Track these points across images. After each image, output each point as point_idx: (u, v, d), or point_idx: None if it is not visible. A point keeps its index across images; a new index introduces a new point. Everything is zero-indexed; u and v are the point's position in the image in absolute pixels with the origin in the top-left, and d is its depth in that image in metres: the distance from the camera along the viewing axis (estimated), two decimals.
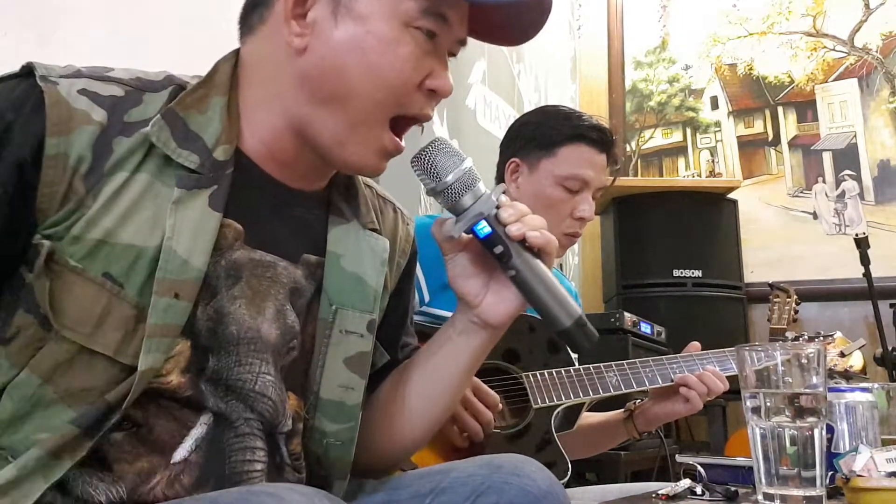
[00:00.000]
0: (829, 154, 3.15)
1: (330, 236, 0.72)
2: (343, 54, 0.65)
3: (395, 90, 0.66)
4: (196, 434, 0.62)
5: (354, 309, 0.72)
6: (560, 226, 1.30)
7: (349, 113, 0.66)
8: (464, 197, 0.69)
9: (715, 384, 1.21)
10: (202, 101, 0.66)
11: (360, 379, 0.73)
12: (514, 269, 0.69)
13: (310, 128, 0.68)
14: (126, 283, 0.59)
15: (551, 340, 1.25)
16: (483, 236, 0.69)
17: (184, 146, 0.63)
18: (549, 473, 0.69)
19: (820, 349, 0.78)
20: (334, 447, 0.72)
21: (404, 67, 0.65)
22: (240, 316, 0.64)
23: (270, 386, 0.66)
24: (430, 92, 0.68)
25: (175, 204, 0.61)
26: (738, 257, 2.92)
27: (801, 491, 0.74)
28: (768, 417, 0.76)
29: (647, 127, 3.51)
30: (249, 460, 0.64)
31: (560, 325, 0.68)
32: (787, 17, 3.27)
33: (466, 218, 0.69)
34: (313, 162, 0.71)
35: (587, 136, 1.29)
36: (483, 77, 2.60)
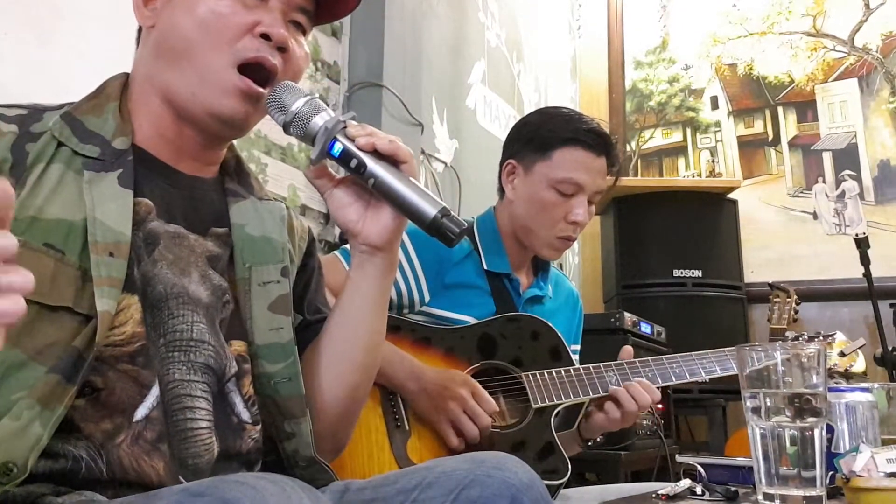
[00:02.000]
0: (829, 154, 3.15)
1: (231, 211, 0.81)
2: (178, 17, 0.75)
3: (223, 31, 0.74)
4: (155, 392, 0.68)
5: (267, 263, 0.80)
6: (554, 229, 1.29)
7: (192, 65, 0.74)
8: (311, 122, 0.75)
9: (643, 397, 1.19)
10: (96, 108, 0.76)
11: (286, 317, 0.80)
12: (372, 176, 0.74)
13: (170, 92, 0.76)
14: (65, 249, 0.67)
15: (553, 348, 1.25)
16: (338, 154, 0.74)
17: (84, 141, 0.72)
18: (529, 469, 0.71)
19: (820, 349, 0.78)
20: (283, 385, 0.78)
21: (225, 12, 0.74)
22: (164, 276, 0.72)
23: (206, 333, 0.72)
24: (264, 37, 0.75)
25: (88, 184, 0.69)
26: (738, 257, 2.93)
27: (801, 491, 0.74)
28: (768, 417, 0.76)
29: (648, 127, 3.51)
30: (192, 419, 0.69)
31: (427, 217, 0.73)
32: (787, 17, 3.27)
33: (319, 140, 0.74)
34: (195, 136, 0.78)
35: (583, 140, 1.27)
36: (483, 77, 2.60)
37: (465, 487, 0.67)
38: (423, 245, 1.26)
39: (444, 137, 2.30)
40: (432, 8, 2.27)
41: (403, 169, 0.75)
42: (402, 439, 1.14)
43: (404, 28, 2.05)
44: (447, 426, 1.12)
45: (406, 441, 1.14)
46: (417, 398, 1.14)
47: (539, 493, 0.68)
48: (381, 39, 1.95)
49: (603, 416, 1.23)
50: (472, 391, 1.13)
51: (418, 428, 1.15)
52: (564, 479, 1.14)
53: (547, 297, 1.39)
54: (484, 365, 1.23)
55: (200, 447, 0.69)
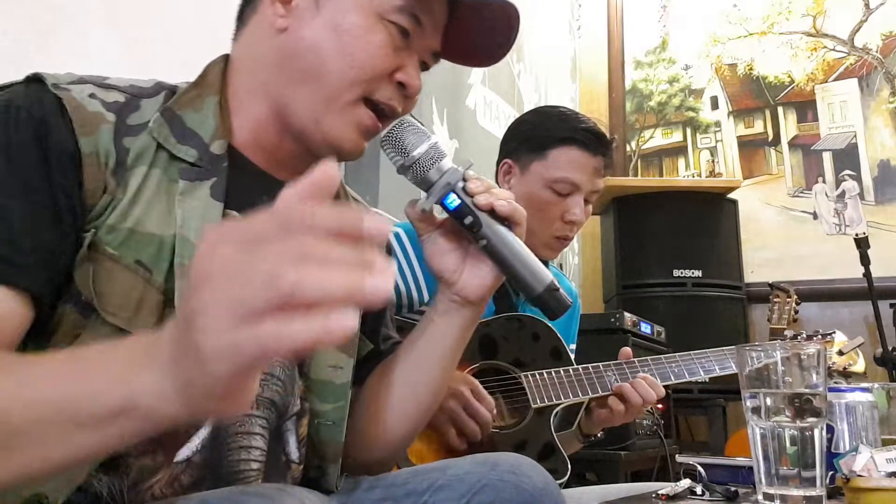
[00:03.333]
0: (829, 154, 3.15)
1: None
2: (320, 35, 0.69)
3: (366, 71, 0.70)
4: (202, 434, 0.63)
5: None
6: (550, 229, 1.29)
7: (323, 90, 0.70)
8: (431, 171, 0.72)
9: (648, 393, 1.20)
10: (196, 100, 0.70)
11: (348, 358, 0.76)
12: (485, 238, 0.72)
13: (288, 108, 0.71)
14: (154, 269, 0.62)
15: (554, 348, 1.25)
16: (453, 208, 0.72)
17: (182, 142, 0.67)
18: (544, 471, 0.70)
19: (820, 349, 0.78)
20: (325, 427, 0.74)
21: (376, 52, 0.70)
22: None
23: (278, 366, 0.68)
24: (399, 85, 0.72)
25: (181, 195, 0.65)
26: (739, 257, 2.92)
27: (801, 491, 0.74)
28: (768, 417, 0.76)
29: (647, 127, 3.51)
30: (245, 459, 0.65)
31: (534, 291, 0.72)
32: (787, 17, 3.27)
33: (436, 191, 0.72)
34: (296, 150, 0.74)
35: (579, 139, 1.27)
36: (483, 77, 2.60)
37: (477, 492, 0.66)
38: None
39: (444, 137, 2.30)
40: None
41: (516, 233, 0.73)
42: None
43: None
44: (448, 425, 1.12)
45: None
46: None
47: (553, 498, 0.67)
48: None
49: (606, 412, 1.23)
50: (471, 389, 1.13)
51: None
52: (564, 479, 1.14)
53: None
54: (483, 365, 1.23)
55: None
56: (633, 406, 1.19)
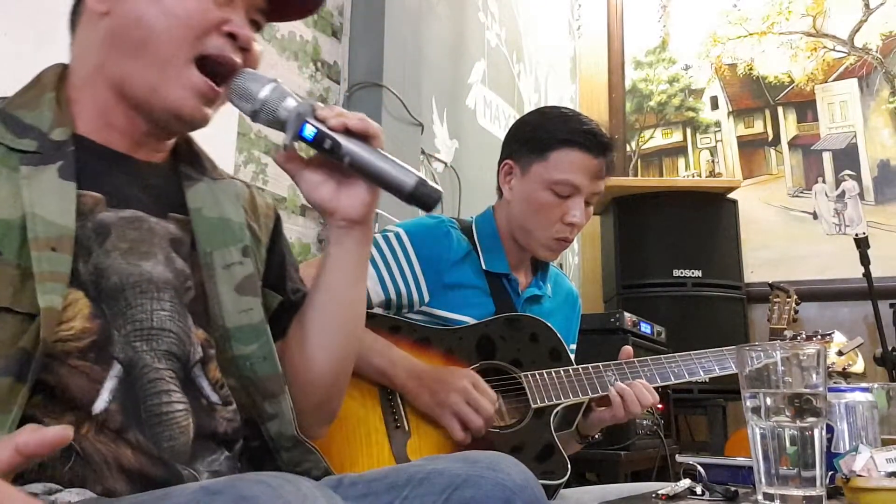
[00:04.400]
0: (828, 154, 3.15)
1: (187, 195, 0.79)
2: (140, 5, 0.73)
3: (191, 27, 0.73)
4: (109, 386, 0.66)
5: (227, 245, 0.79)
6: (550, 230, 1.29)
7: (153, 55, 0.73)
8: (280, 109, 0.75)
9: (645, 398, 1.20)
10: (32, 100, 0.73)
11: (254, 298, 0.80)
12: (348, 154, 0.76)
13: (126, 84, 0.74)
14: (2, 249, 0.64)
15: (553, 348, 1.25)
16: (311, 137, 0.76)
17: (21, 136, 0.70)
18: (525, 469, 0.70)
19: (820, 349, 0.78)
20: (259, 364, 0.78)
21: (198, 6, 0.73)
22: (118, 266, 0.70)
23: (168, 319, 0.71)
24: (230, 36, 0.75)
25: (26, 179, 0.67)
26: (738, 257, 2.92)
27: (801, 491, 0.74)
28: (768, 417, 0.76)
29: (647, 127, 3.51)
30: (167, 402, 0.68)
31: (406, 189, 0.75)
32: (787, 17, 3.27)
33: (291, 125, 0.75)
34: (147, 127, 0.77)
35: (580, 141, 1.26)
36: (483, 77, 2.60)
37: (457, 487, 0.67)
38: (423, 245, 1.26)
39: (444, 137, 2.30)
40: (432, 8, 2.27)
41: (375, 144, 0.77)
42: (402, 440, 1.14)
43: (404, 28, 2.04)
44: (452, 419, 1.12)
45: (406, 442, 1.14)
46: (419, 396, 1.14)
47: (533, 494, 0.68)
48: (381, 39, 1.94)
49: (603, 412, 1.23)
50: (472, 382, 1.13)
51: (418, 428, 1.15)
52: (564, 479, 1.14)
53: (546, 296, 1.39)
54: (483, 365, 1.23)
55: (175, 429, 0.68)
56: (630, 410, 1.19)
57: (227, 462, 0.74)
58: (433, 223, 1.32)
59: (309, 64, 1.87)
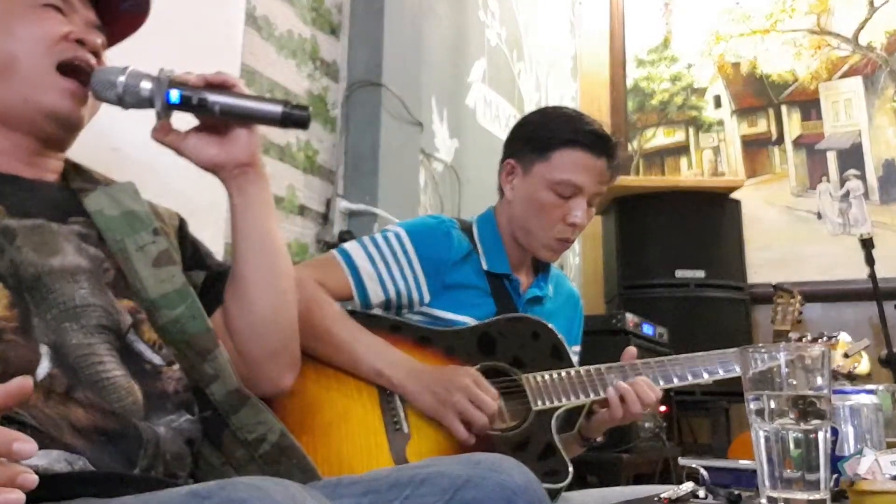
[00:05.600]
0: (833, 153, 3.14)
1: (86, 203, 0.84)
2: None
3: (45, 40, 0.80)
4: (47, 358, 0.69)
5: (136, 232, 0.84)
6: (552, 230, 1.28)
7: (18, 73, 0.79)
8: (141, 87, 0.80)
9: (647, 396, 1.19)
10: None
11: (173, 266, 0.84)
12: (216, 103, 0.81)
13: (1, 107, 0.79)
14: None
15: (554, 349, 1.24)
16: (178, 100, 0.80)
17: None
18: (527, 471, 0.70)
19: (825, 350, 0.77)
20: (189, 324, 0.81)
21: (43, 23, 0.81)
22: (32, 258, 0.74)
23: (89, 295, 0.75)
24: (79, 42, 0.82)
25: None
26: (742, 258, 2.91)
27: (805, 494, 0.73)
28: (772, 420, 0.75)
29: (650, 126, 3.49)
30: (102, 370, 0.71)
31: (277, 116, 0.81)
32: (790, 14, 3.26)
33: (157, 95, 0.80)
34: (29, 145, 0.82)
35: (582, 141, 1.26)
36: (483, 76, 2.59)
37: (459, 488, 0.67)
38: (423, 245, 1.25)
39: (444, 137, 2.29)
40: (432, 7, 2.26)
41: (236, 91, 0.82)
42: (402, 443, 1.13)
43: (404, 27, 2.04)
44: (455, 419, 1.11)
45: (406, 444, 1.13)
46: (419, 396, 1.13)
47: (535, 495, 0.68)
48: (380, 38, 1.94)
49: (604, 413, 1.22)
50: (474, 380, 1.12)
51: (418, 429, 1.14)
52: (565, 482, 1.13)
53: (547, 297, 1.38)
54: (484, 366, 1.22)
55: (121, 391, 0.71)
56: (631, 410, 1.18)
57: (188, 424, 0.77)
58: (434, 223, 1.31)
59: (307, 62, 1.86)
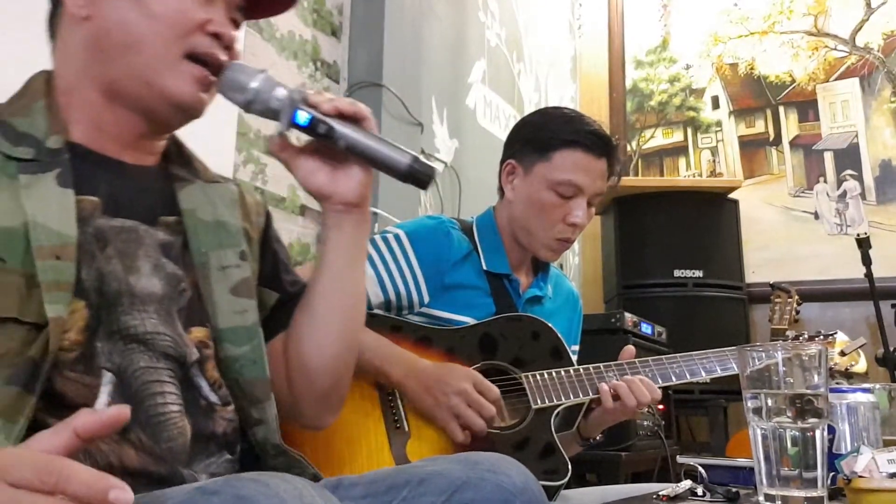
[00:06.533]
0: (830, 154, 3.15)
1: (179, 197, 0.80)
2: (122, 8, 0.73)
3: (176, 27, 0.73)
4: (106, 391, 0.67)
5: (223, 247, 0.80)
6: (552, 230, 1.29)
7: (143, 56, 0.73)
8: (272, 99, 0.76)
9: (642, 394, 1.19)
10: (23, 108, 0.73)
11: (249, 300, 0.80)
12: (342, 137, 0.77)
13: (116, 84, 0.74)
14: (7, 257, 0.65)
15: (554, 349, 1.24)
16: (306, 123, 0.77)
17: (17, 144, 0.70)
18: (525, 471, 0.70)
19: (822, 349, 0.77)
20: (247, 367, 0.78)
21: (180, 7, 0.74)
22: (118, 273, 0.71)
23: (160, 324, 0.72)
24: (215, 36, 0.75)
25: (25, 188, 0.67)
26: (739, 257, 2.92)
27: (803, 492, 0.73)
28: (769, 418, 0.75)
29: (648, 126, 3.50)
30: (161, 403, 0.69)
31: (400, 169, 0.77)
32: (788, 16, 3.27)
33: (284, 112, 0.76)
34: (139, 125, 0.77)
35: (583, 142, 1.27)
36: (483, 77, 2.59)
37: (457, 489, 0.67)
38: (423, 246, 1.26)
39: (444, 137, 2.30)
40: (432, 8, 2.26)
41: (366, 126, 0.78)
42: (402, 441, 1.13)
43: (404, 28, 2.04)
44: (452, 422, 1.11)
45: (406, 442, 1.13)
46: (418, 396, 1.13)
47: (534, 496, 0.68)
48: (380, 39, 1.94)
49: (600, 411, 1.23)
50: (473, 382, 1.12)
51: (418, 428, 1.15)
52: (564, 480, 1.13)
53: (547, 297, 1.38)
54: (484, 365, 1.22)
55: (173, 430, 0.68)
56: (627, 406, 1.19)
57: (226, 465, 0.74)
58: (433, 224, 1.31)
59: (308, 63, 1.87)
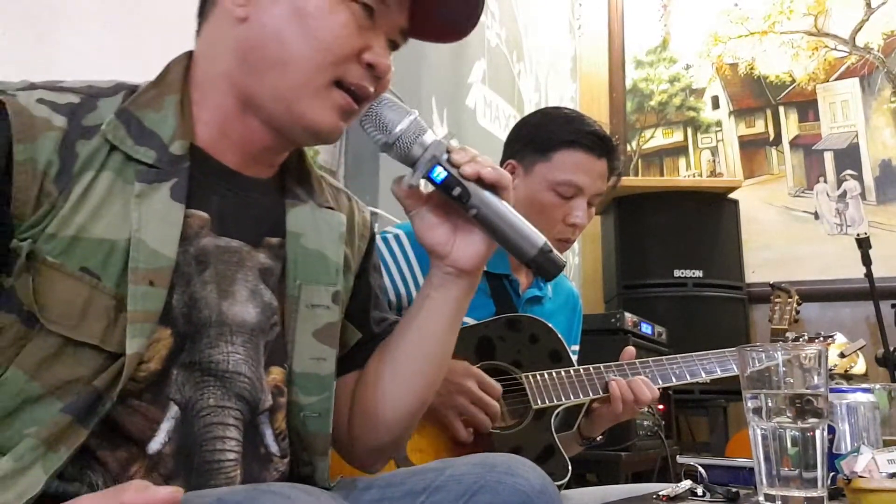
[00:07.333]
0: (830, 154, 3.15)
1: (288, 217, 0.75)
2: (282, 21, 0.68)
3: (333, 53, 0.69)
4: (166, 427, 0.64)
5: (318, 283, 0.75)
6: (552, 231, 1.28)
7: (291, 76, 0.69)
8: (415, 146, 0.72)
9: (643, 393, 1.19)
10: (156, 99, 0.69)
11: (331, 349, 0.76)
12: (475, 207, 0.72)
13: (256, 98, 0.71)
14: (103, 275, 0.62)
15: (553, 349, 1.25)
16: (440, 181, 0.72)
17: (140, 143, 0.66)
18: (542, 473, 0.69)
19: (822, 350, 0.77)
20: (312, 420, 0.74)
21: (341, 32, 0.69)
22: (212, 300, 0.68)
23: (242, 363, 0.68)
24: (369, 66, 0.71)
25: (138, 197, 0.64)
26: (739, 257, 2.92)
27: (803, 492, 0.74)
28: (769, 418, 0.75)
29: (648, 126, 3.50)
30: (220, 450, 0.65)
31: (527, 255, 0.72)
32: (788, 16, 3.26)
33: (421, 165, 0.72)
34: (268, 140, 0.73)
35: (583, 142, 1.27)
36: (483, 77, 2.59)
37: (474, 493, 0.66)
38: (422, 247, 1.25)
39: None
40: None
41: (504, 197, 0.73)
42: None
43: None
44: (456, 420, 1.11)
45: None
46: None
47: (551, 498, 0.67)
48: None
49: (601, 410, 1.23)
50: (476, 380, 1.12)
51: (420, 427, 1.15)
52: (565, 480, 1.13)
53: (546, 297, 1.38)
54: (484, 365, 1.22)
55: (222, 480, 0.65)
56: (626, 404, 1.19)
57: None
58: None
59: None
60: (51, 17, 1.21)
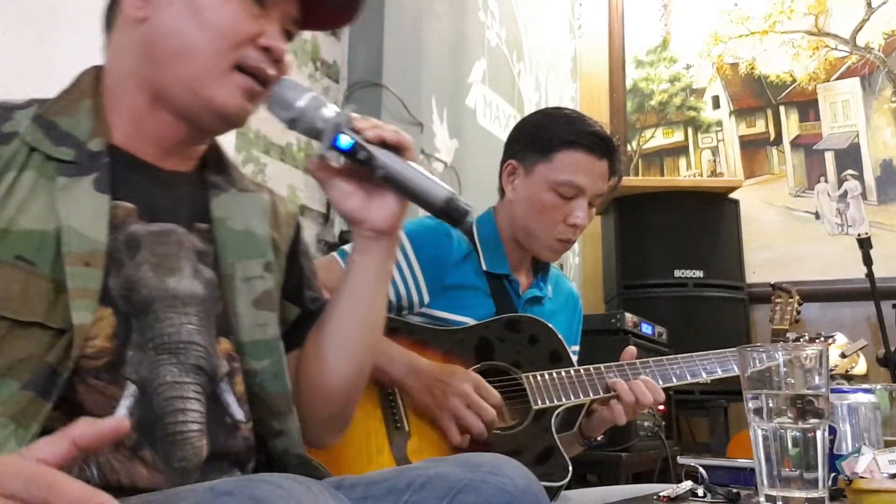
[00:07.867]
0: (831, 154, 3.14)
1: (212, 205, 0.80)
2: (179, 16, 0.74)
3: (229, 39, 0.74)
4: (126, 404, 0.67)
5: (249, 258, 0.80)
6: (553, 231, 1.29)
7: (193, 65, 0.74)
8: (317, 119, 0.76)
9: (644, 395, 1.19)
10: (69, 106, 0.74)
11: (271, 313, 0.80)
12: (382, 167, 0.77)
13: (163, 91, 0.75)
14: (37, 261, 0.65)
15: (553, 349, 1.24)
16: (346, 148, 0.76)
17: (59, 144, 0.71)
18: (527, 472, 0.70)
19: (822, 350, 0.77)
20: (269, 382, 0.78)
21: (235, 18, 0.74)
22: (148, 279, 0.70)
23: (196, 333, 0.71)
24: (265, 50, 0.76)
25: (62, 190, 0.68)
26: (740, 257, 2.92)
27: (804, 493, 0.73)
28: (770, 419, 0.75)
29: (648, 126, 3.50)
30: (182, 421, 0.68)
31: (437, 203, 0.76)
32: (788, 15, 3.26)
33: (327, 135, 0.76)
34: (180, 132, 0.77)
35: (584, 143, 1.27)
36: (483, 77, 2.59)
37: (459, 492, 0.66)
38: (422, 246, 1.25)
39: (444, 137, 2.30)
40: (432, 7, 2.26)
41: (407, 157, 0.78)
42: (402, 441, 1.13)
43: (404, 27, 2.04)
44: (451, 423, 1.11)
45: (406, 442, 1.13)
46: (418, 395, 1.13)
47: (536, 498, 0.67)
48: (380, 39, 1.94)
49: (602, 411, 1.22)
50: (474, 385, 1.12)
51: (418, 427, 1.15)
52: (565, 480, 1.13)
53: (546, 297, 1.38)
54: (484, 366, 1.22)
55: (188, 449, 0.68)
56: (626, 405, 1.19)
57: None
58: (433, 224, 1.31)
59: (308, 63, 1.86)
60: (51, 17, 1.21)
